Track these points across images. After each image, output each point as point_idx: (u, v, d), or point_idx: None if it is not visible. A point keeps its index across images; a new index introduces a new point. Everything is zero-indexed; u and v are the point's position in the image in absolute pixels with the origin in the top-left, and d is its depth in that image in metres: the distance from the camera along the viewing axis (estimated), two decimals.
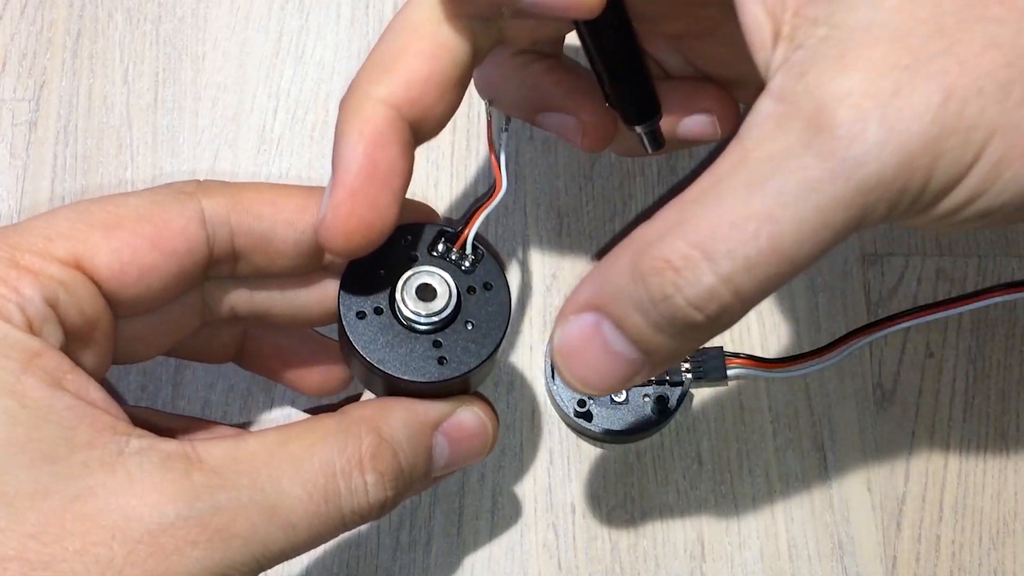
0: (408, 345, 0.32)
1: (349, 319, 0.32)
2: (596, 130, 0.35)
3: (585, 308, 0.29)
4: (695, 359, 0.41)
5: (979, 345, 0.42)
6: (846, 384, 0.42)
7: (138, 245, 0.30)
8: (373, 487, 0.30)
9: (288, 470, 0.29)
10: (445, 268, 0.32)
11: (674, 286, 0.26)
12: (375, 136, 0.30)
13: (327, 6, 0.47)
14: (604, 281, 0.28)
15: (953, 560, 0.40)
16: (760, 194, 0.25)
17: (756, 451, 0.41)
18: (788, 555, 0.40)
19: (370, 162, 0.30)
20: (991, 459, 0.41)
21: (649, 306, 0.27)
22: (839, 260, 0.43)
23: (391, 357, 0.31)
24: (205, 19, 0.46)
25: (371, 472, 0.30)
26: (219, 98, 0.45)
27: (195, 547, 0.27)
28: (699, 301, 0.26)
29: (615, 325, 0.28)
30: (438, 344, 0.32)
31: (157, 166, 0.45)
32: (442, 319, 0.32)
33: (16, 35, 0.46)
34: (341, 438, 0.30)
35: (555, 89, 0.35)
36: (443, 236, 0.33)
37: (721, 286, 0.26)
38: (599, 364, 0.29)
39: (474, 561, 0.40)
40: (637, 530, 0.41)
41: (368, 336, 0.32)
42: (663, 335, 0.28)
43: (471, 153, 0.45)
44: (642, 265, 0.27)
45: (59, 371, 0.28)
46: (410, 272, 0.32)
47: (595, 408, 0.41)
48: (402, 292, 0.32)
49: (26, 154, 0.45)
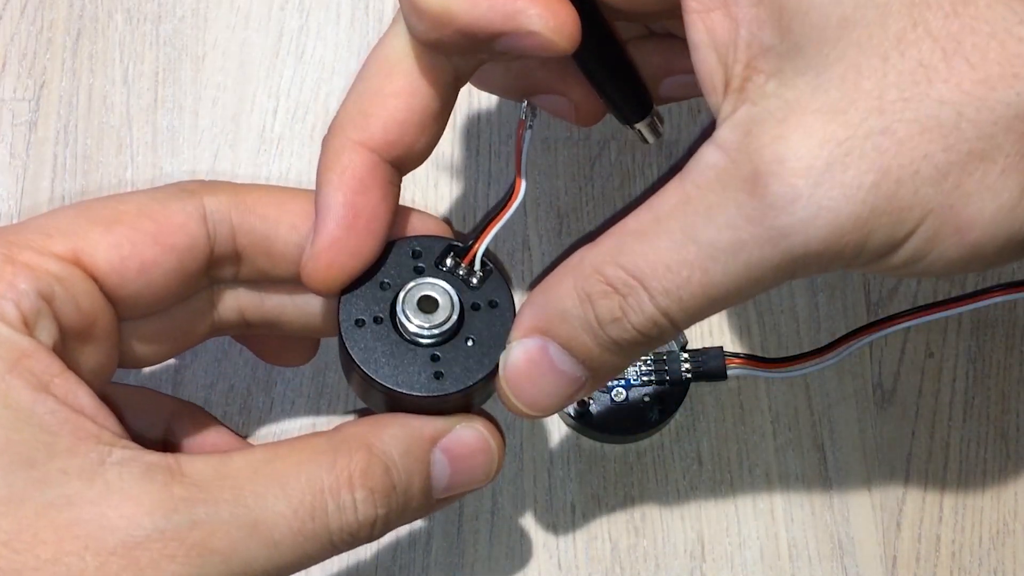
0: (405, 357, 0.31)
1: (347, 327, 0.31)
2: (588, 107, 0.35)
3: (531, 332, 0.30)
4: (695, 359, 0.41)
5: (979, 345, 0.42)
6: (846, 384, 0.42)
7: (138, 240, 0.30)
8: (363, 504, 0.29)
9: (273, 487, 0.28)
10: (450, 282, 0.32)
11: (621, 310, 0.28)
12: (355, 183, 0.31)
13: (327, 6, 0.47)
14: (548, 305, 0.29)
15: (953, 560, 0.40)
16: (695, 245, 0.27)
17: (756, 451, 0.41)
18: (788, 555, 0.40)
19: (350, 211, 0.31)
20: (991, 459, 0.41)
21: (596, 327, 0.28)
22: None
23: (387, 368, 0.31)
24: (205, 19, 0.46)
25: (360, 489, 0.29)
26: (219, 98, 0.45)
27: (171, 561, 0.26)
28: (641, 326, 0.28)
29: (562, 346, 0.29)
30: (436, 358, 0.31)
31: (157, 166, 0.45)
32: (442, 333, 0.31)
33: (16, 35, 0.46)
34: (330, 455, 0.29)
35: (543, 73, 0.35)
36: (452, 250, 0.32)
37: (660, 316, 0.28)
38: (547, 385, 0.30)
39: (474, 561, 0.40)
40: (637, 530, 0.41)
41: (365, 345, 0.31)
42: (609, 353, 0.29)
43: (471, 153, 0.45)
44: (588, 288, 0.28)
45: (47, 373, 0.27)
46: (413, 283, 0.32)
47: (595, 408, 0.41)
48: (403, 303, 0.31)
49: (26, 154, 0.45)
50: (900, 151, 0.25)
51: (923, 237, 0.26)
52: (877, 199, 0.25)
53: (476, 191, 0.44)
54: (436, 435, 0.31)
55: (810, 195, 0.25)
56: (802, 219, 0.25)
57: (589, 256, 0.29)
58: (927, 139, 0.25)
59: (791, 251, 0.26)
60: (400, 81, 0.31)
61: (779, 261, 0.26)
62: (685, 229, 0.27)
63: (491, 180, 0.44)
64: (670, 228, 0.27)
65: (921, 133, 0.25)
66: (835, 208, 0.25)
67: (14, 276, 0.28)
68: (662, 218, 0.27)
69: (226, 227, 0.32)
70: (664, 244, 0.27)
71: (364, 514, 0.29)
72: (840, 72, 0.26)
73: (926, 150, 0.25)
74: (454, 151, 0.45)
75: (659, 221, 0.27)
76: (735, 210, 0.26)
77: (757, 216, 0.26)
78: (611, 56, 0.33)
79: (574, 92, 0.35)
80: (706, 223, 0.27)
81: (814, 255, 0.26)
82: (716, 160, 0.27)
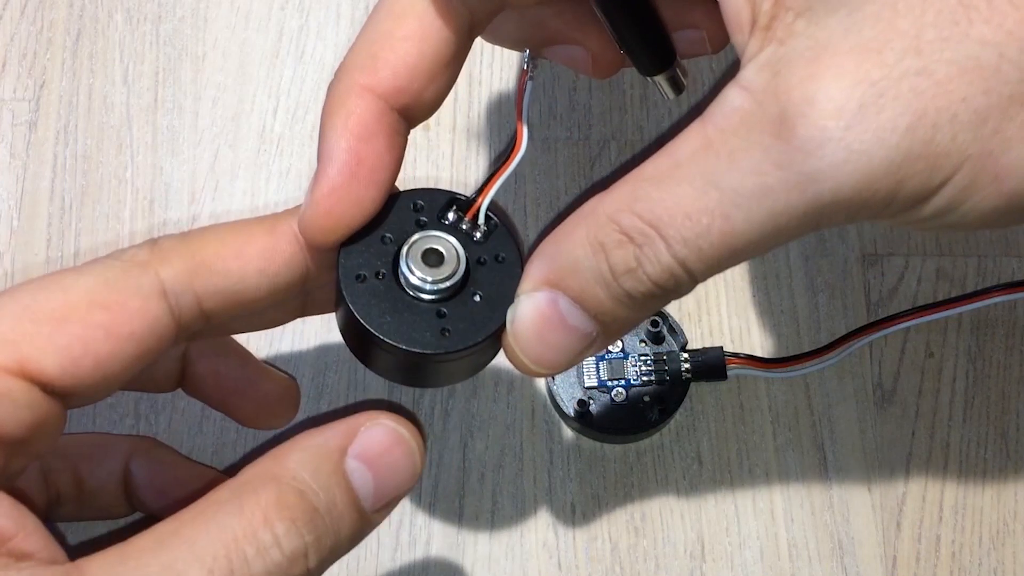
0: (409, 313, 0.29)
1: (348, 282, 0.29)
2: (606, 57, 0.33)
3: (540, 285, 0.28)
4: (695, 359, 0.41)
5: (979, 345, 0.42)
6: (846, 384, 0.42)
7: (90, 337, 0.27)
8: (286, 537, 0.26)
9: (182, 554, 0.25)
10: (455, 236, 0.31)
11: (636, 260, 0.26)
12: (360, 129, 0.29)
13: (327, 6, 0.47)
14: (558, 256, 0.28)
15: (953, 560, 0.40)
16: (716, 191, 0.25)
17: (756, 451, 0.41)
18: (788, 555, 0.40)
19: (353, 158, 0.29)
20: (991, 459, 0.41)
21: (610, 279, 0.27)
22: (839, 260, 0.43)
23: (390, 325, 0.29)
24: (205, 19, 0.46)
25: (279, 522, 0.26)
26: (219, 98, 0.45)
27: None
28: (657, 277, 0.27)
29: (573, 300, 0.28)
30: (442, 315, 0.29)
31: (157, 166, 0.45)
32: (448, 287, 0.30)
33: (16, 35, 0.46)
34: (236, 501, 0.26)
35: (558, 22, 0.33)
36: (455, 204, 0.31)
37: (677, 267, 0.26)
38: (556, 341, 0.28)
39: (474, 561, 0.40)
40: (637, 530, 0.41)
41: (366, 301, 0.29)
42: (622, 306, 0.27)
43: (471, 153, 0.45)
44: (602, 237, 0.27)
45: None
46: (416, 236, 0.30)
47: (595, 408, 0.41)
48: (407, 257, 0.30)
49: (26, 154, 0.45)
50: (937, 93, 0.24)
51: (958, 185, 0.25)
52: (912, 143, 0.24)
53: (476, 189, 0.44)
54: (343, 444, 0.28)
55: (840, 138, 0.24)
56: (832, 163, 0.24)
57: (603, 204, 0.27)
58: (966, 81, 0.24)
59: (819, 198, 0.25)
60: (412, 24, 0.29)
61: (805, 209, 0.25)
62: (706, 175, 0.26)
63: None
64: (690, 174, 0.26)
65: (960, 75, 0.24)
66: (867, 152, 0.24)
67: None
68: (682, 163, 0.26)
69: (189, 297, 0.29)
70: (683, 190, 0.26)
71: (290, 547, 0.26)
72: (875, 10, 0.24)
73: (965, 93, 0.24)
74: (454, 151, 0.45)
75: (678, 167, 0.26)
76: (760, 154, 0.25)
77: (784, 160, 0.25)
78: None
79: (591, 41, 0.33)
80: (729, 168, 0.25)
81: (843, 202, 0.25)
82: (740, 102, 0.26)
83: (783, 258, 0.43)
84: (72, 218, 0.44)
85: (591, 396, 0.41)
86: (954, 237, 0.43)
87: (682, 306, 0.43)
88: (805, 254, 0.43)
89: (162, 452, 0.36)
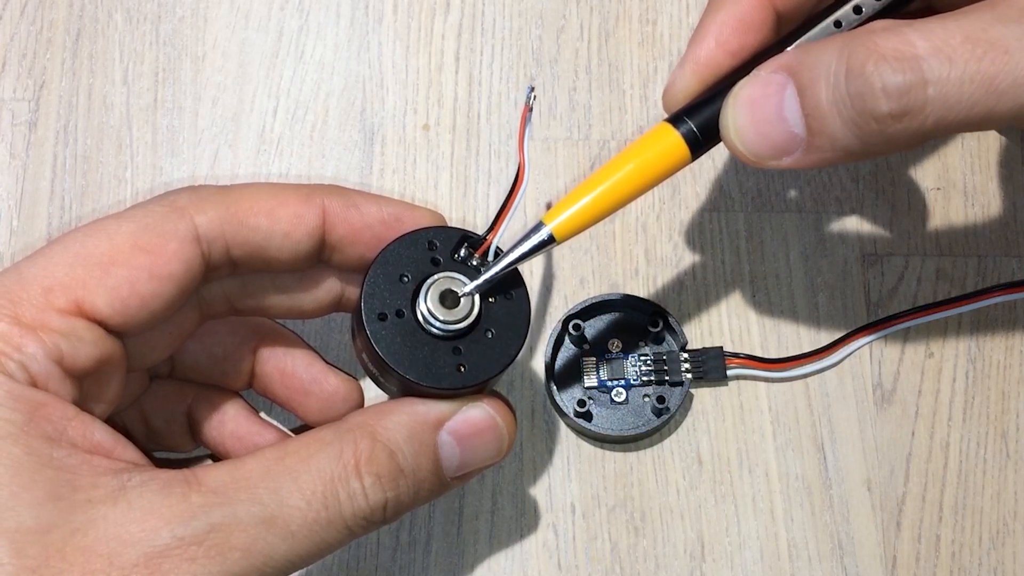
0: (428, 350, 0.32)
1: (371, 320, 0.32)
2: None
3: (780, 68, 0.30)
4: (695, 359, 0.41)
5: (979, 345, 0.42)
6: (846, 384, 0.42)
7: (136, 278, 0.30)
8: (371, 490, 0.30)
9: (286, 482, 0.29)
10: (466, 274, 0.33)
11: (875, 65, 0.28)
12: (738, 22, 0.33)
13: (327, 6, 0.47)
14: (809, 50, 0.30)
15: (953, 560, 0.40)
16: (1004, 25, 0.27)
17: (756, 451, 0.41)
18: (788, 555, 0.40)
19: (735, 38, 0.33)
20: (991, 459, 0.41)
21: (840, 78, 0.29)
22: (839, 260, 0.43)
23: (411, 362, 0.31)
24: (205, 19, 0.46)
25: (367, 475, 0.30)
26: (219, 98, 0.45)
27: (192, 563, 0.27)
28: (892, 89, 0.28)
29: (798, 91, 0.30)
30: (458, 351, 0.32)
31: (157, 166, 0.45)
32: (463, 328, 0.32)
33: (16, 35, 0.46)
34: (336, 446, 0.30)
35: None
36: (466, 241, 0.33)
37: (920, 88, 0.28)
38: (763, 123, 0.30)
39: (474, 561, 0.40)
40: (637, 530, 0.41)
41: (389, 339, 0.31)
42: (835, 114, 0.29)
43: (471, 153, 0.45)
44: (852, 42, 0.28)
45: (63, 420, 0.28)
46: (433, 278, 0.32)
47: (595, 408, 0.41)
48: (425, 298, 0.32)
49: (26, 154, 0.45)
50: None
51: None
52: None
53: (476, 191, 0.44)
54: (441, 418, 0.32)
55: None
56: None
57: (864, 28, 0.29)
58: None
59: None
60: None
61: None
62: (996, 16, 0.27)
63: (491, 180, 0.45)
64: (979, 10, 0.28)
65: None
66: None
67: (21, 338, 0.28)
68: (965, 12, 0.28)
69: (220, 244, 0.32)
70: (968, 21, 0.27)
71: (374, 499, 0.30)
72: None
73: None
74: (454, 151, 0.45)
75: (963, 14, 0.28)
76: None
77: None
78: None
79: None
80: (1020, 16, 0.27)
81: None
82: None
83: (783, 258, 0.43)
84: (72, 218, 0.44)
85: (591, 396, 0.41)
86: (954, 237, 0.43)
87: (682, 306, 0.43)
88: (805, 254, 0.43)
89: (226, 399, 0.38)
